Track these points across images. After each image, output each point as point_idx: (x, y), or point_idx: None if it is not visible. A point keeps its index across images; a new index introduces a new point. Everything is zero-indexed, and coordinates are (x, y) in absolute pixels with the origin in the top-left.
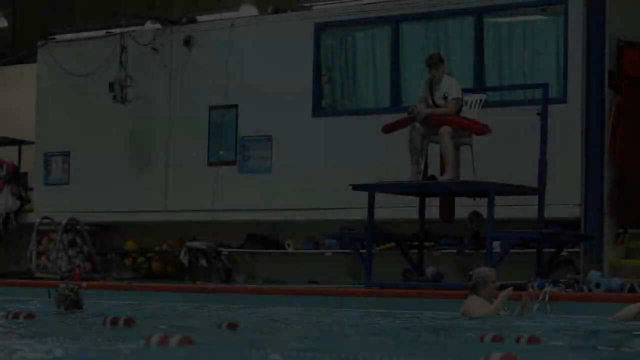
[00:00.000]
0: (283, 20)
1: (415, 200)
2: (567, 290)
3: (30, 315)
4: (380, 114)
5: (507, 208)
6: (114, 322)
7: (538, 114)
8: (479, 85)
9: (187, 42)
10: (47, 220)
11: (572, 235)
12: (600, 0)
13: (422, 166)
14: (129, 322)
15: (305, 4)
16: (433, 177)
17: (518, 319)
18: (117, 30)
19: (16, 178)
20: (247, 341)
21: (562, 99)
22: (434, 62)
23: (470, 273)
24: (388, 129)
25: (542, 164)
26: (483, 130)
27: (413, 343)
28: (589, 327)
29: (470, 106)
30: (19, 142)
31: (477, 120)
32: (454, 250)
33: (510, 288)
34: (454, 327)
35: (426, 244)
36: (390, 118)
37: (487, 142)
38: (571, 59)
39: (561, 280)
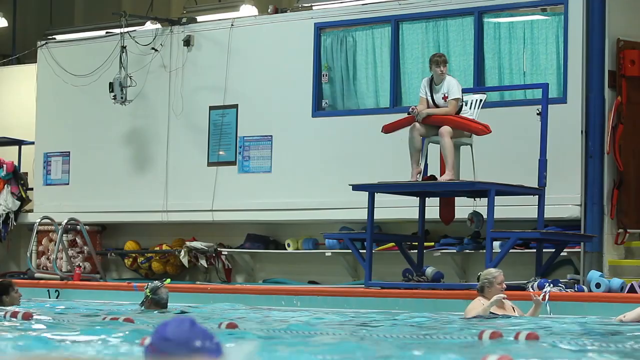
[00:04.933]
0: (283, 20)
1: (416, 200)
2: (567, 290)
3: (28, 315)
4: (380, 114)
5: (507, 208)
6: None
7: (538, 114)
8: (479, 85)
9: (187, 42)
10: (47, 220)
11: (572, 235)
12: (600, 0)
13: (422, 166)
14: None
15: (305, 4)
16: (433, 177)
17: (529, 319)
18: (117, 30)
19: (16, 178)
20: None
21: (562, 99)
22: (443, 60)
23: (479, 274)
24: (388, 129)
25: (542, 164)
26: (483, 130)
27: (412, 343)
28: (588, 327)
29: (470, 106)
30: (19, 142)
31: (477, 120)
32: (454, 250)
33: (503, 295)
34: (451, 327)
35: (426, 244)
36: (390, 118)
37: (487, 142)
38: (571, 59)
39: (561, 280)
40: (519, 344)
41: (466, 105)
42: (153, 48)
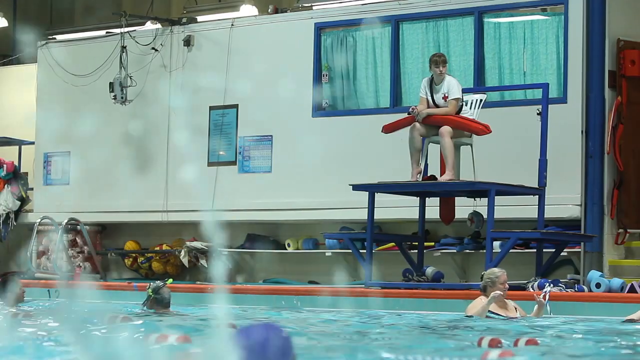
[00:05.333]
0: (283, 20)
1: (416, 200)
2: (567, 290)
3: (28, 314)
4: (380, 114)
5: (507, 208)
6: (112, 320)
7: (538, 114)
8: (479, 85)
9: (187, 42)
10: (47, 220)
11: (572, 235)
12: (600, 0)
13: (422, 166)
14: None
15: (305, 4)
16: (433, 177)
17: (532, 320)
18: (117, 30)
19: (16, 178)
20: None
21: (562, 99)
22: (443, 60)
23: (482, 274)
24: (388, 129)
25: (542, 164)
26: (483, 130)
27: (413, 343)
28: (588, 327)
29: (471, 106)
30: (19, 142)
31: (477, 120)
32: (454, 250)
33: (498, 291)
34: (452, 327)
35: (426, 244)
36: (390, 118)
37: (487, 142)
38: (571, 59)
39: (561, 280)
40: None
41: (466, 105)
42: (153, 48)
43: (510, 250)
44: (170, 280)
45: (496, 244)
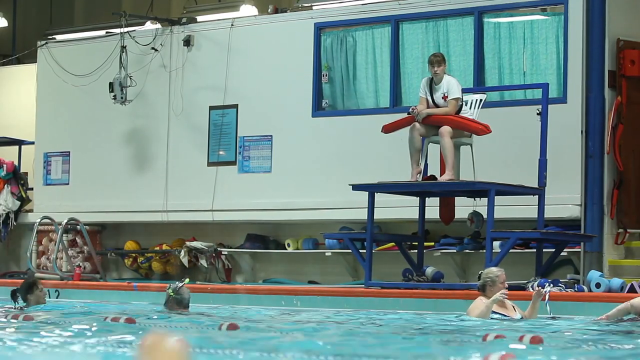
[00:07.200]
0: (283, 20)
1: (416, 200)
2: (567, 290)
3: (28, 317)
4: (380, 114)
5: (507, 208)
6: (114, 321)
7: (538, 114)
8: (479, 85)
9: (187, 42)
10: (47, 220)
11: (572, 235)
12: (600, 0)
13: (422, 166)
14: (129, 321)
15: (305, 4)
16: (433, 177)
17: (528, 320)
18: (117, 30)
19: (16, 178)
20: (247, 342)
21: (562, 99)
22: (439, 60)
23: (480, 273)
24: (388, 129)
25: (542, 164)
26: (483, 130)
27: (413, 343)
28: (588, 327)
29: (470, 106)
30: (19, 142)
31: (477, 120)
32: (454, 250)
33: (504, 292)
34: (453, 327)
35: (426, 244)
36: (390, 118)
37: (487, 142)
38: (571, 59)
39: (561, 280)
40: (524, 347)
41: (466, 105)
42: (153, 48)
43: (510, 250)
44: (187, 280)
45: (496, 244)
